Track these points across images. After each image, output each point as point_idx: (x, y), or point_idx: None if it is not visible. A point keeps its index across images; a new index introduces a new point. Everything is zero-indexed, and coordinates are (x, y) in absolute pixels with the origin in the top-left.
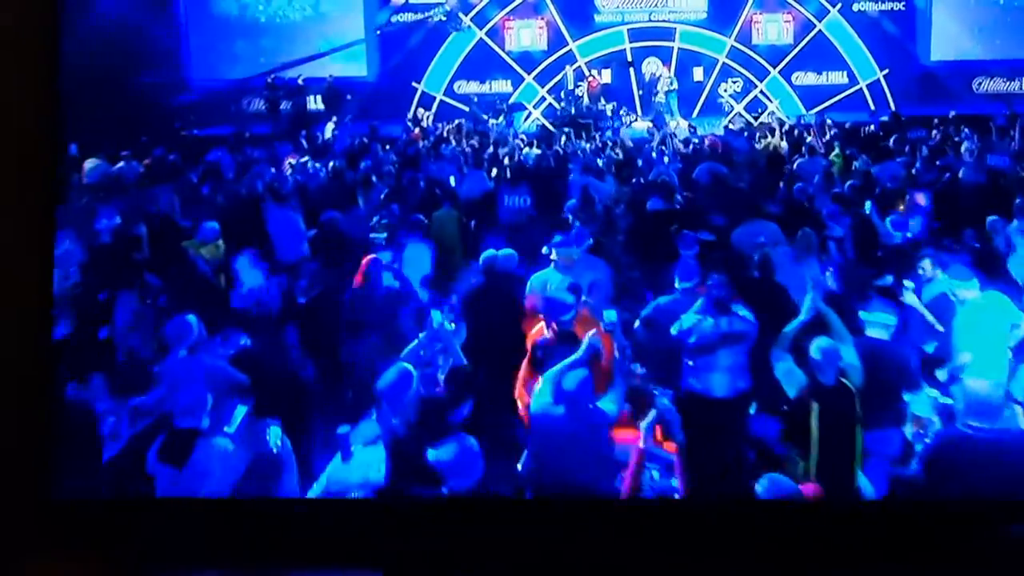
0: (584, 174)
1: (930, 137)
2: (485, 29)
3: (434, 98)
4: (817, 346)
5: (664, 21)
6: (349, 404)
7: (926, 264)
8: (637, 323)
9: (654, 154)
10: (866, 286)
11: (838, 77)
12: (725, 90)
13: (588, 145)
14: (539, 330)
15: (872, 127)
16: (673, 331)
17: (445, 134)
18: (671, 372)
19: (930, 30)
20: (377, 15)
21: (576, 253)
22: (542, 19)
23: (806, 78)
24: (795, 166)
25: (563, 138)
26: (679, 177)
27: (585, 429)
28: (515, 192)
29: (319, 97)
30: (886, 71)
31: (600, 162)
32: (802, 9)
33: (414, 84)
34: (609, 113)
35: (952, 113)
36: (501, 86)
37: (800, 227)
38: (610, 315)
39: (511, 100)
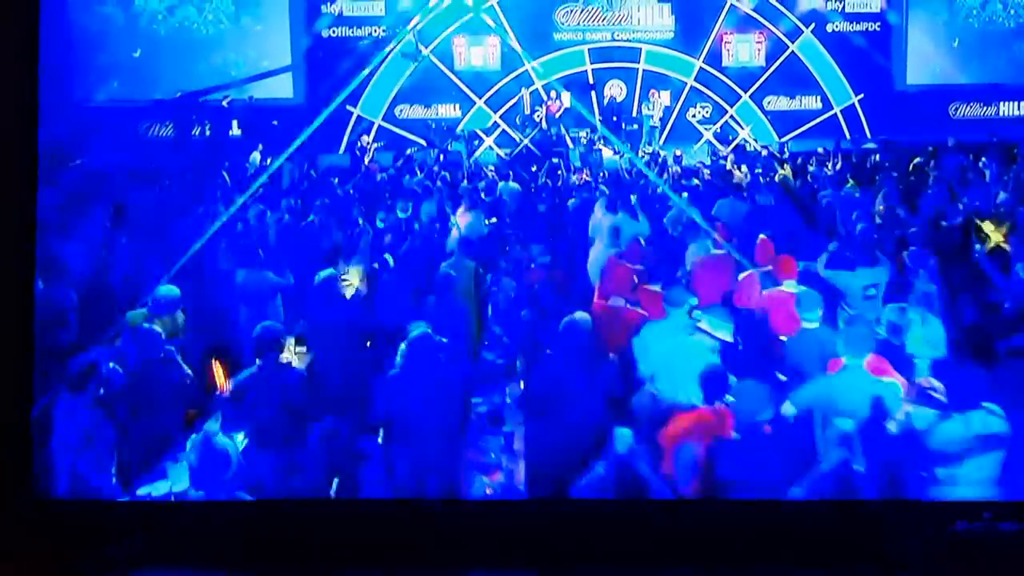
0: (609, 211)
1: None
2: (431, 47)
3: (372, 123)
4: None
5: (628, 41)
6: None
7: None
8: (792, 408)
9: (660, 189)
10: None
11: (811, 102)
12: (693, 116)
13: (575, 177)
14: (692, 422)
15: (877, 156)
16: (892, 429)
17: (400, 164)
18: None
19: (906, 53)
20: (309, 27)
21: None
22: (495, 36)
23: (778, 103)
24: (824, 200)
25: (535, 167)
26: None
27: None
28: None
29: (236, 121)
30: (861, 96)
31: (634, 198)
32: (774, 28)
33: (349, 108)
34: (578, 141)
35: (951, 140)
36: (448, 111)
37: None
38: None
39: (461, 126)
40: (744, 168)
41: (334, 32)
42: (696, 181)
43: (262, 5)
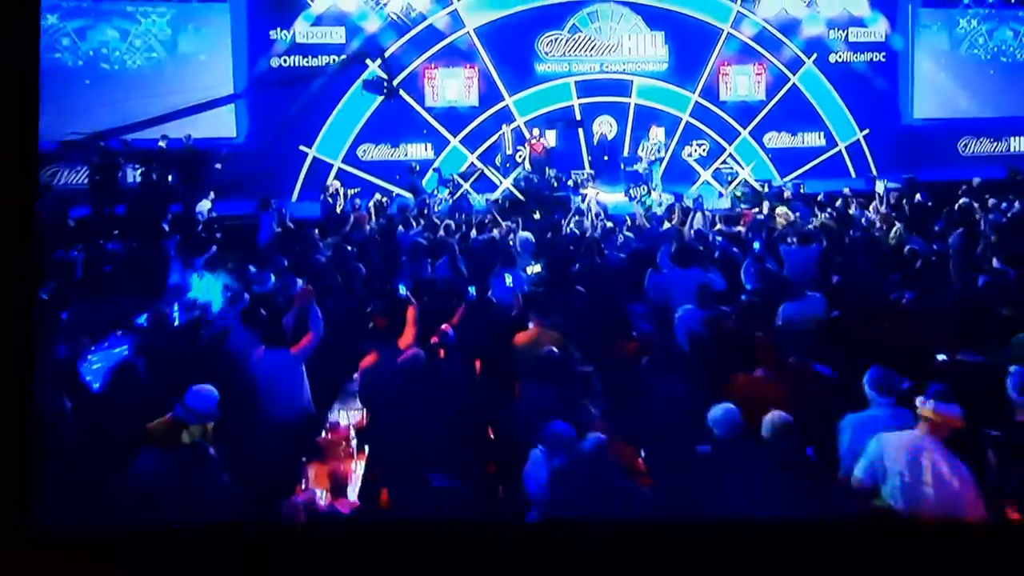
0: (678, 266)
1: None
2: (400, 78)
3: (331, 166)
4: None
5: (619, 72)
6: None
7: None
8: None
9: (719, 241)
10: None
11: (815, 138)
12: (689, 154)
13: (590, 221)
14: None
15: (919, 196)
16: None
17: (376, 212)
18: None
19: (912, 84)
20: (257, 56)
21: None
22: (472, 67)
23: (780, 139)
24: (907, 248)
25: (537, 213)
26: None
27: None
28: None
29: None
30: (866, 131)
31: (717, 254)
32: (774, 59)
33: (303, 148)
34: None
35: (976, 180)
36: (417, 151)
37: None
38: None
39: (436, 164)
40: (782, 209)
41: (286, 62)
42: (737, 228)
43: (203, 30)
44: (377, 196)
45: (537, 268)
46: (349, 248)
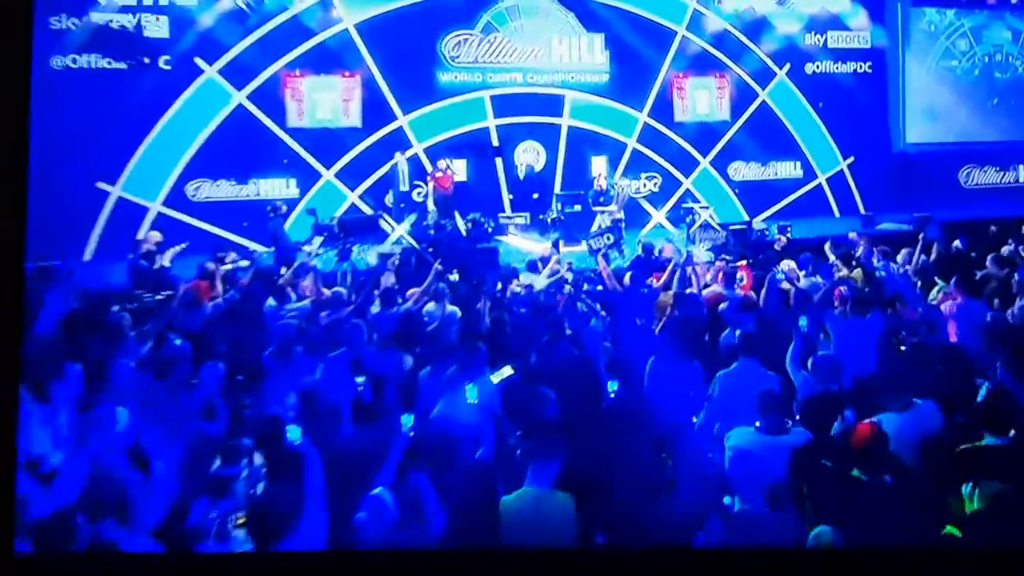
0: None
1: None
2: (248, 89)
3: (145, 210)
4: None
5: (548, 86)
6: None
7: None
8: None
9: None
10: None
11: (789, 169)
12: (638, 191)
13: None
14: None
15: (959, 243)
16: None
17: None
18: None
19: (904, 101)
20: (31, 55)
21: None
22: (352, 75)
23: (748, 171)
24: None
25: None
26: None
27: None
28: None
29: None
30: (851, 159)
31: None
32: (738, 68)
33: (102, 186)
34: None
35: None
36: (276, 188)
37: None
38: None
39: (302, 206)
40: (788, 263)
41: (76, 62)
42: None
43: None
44: (232, 255)
45: (508, 371)
46: (179, 342)
